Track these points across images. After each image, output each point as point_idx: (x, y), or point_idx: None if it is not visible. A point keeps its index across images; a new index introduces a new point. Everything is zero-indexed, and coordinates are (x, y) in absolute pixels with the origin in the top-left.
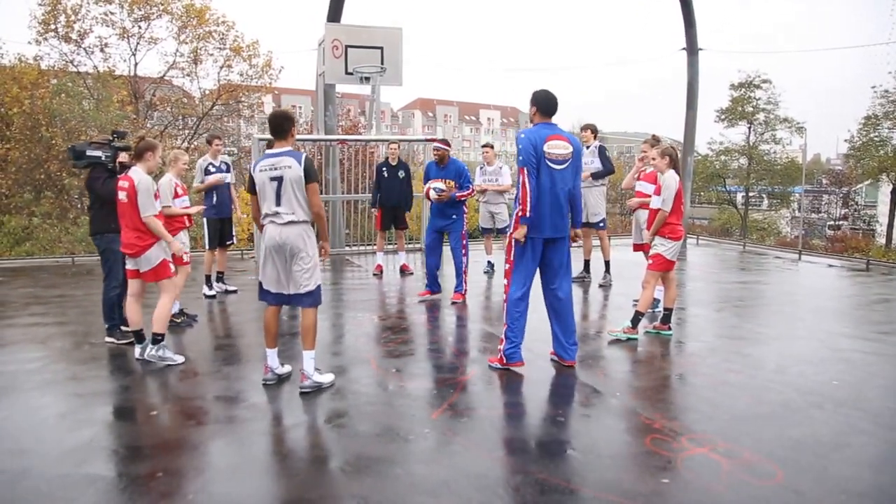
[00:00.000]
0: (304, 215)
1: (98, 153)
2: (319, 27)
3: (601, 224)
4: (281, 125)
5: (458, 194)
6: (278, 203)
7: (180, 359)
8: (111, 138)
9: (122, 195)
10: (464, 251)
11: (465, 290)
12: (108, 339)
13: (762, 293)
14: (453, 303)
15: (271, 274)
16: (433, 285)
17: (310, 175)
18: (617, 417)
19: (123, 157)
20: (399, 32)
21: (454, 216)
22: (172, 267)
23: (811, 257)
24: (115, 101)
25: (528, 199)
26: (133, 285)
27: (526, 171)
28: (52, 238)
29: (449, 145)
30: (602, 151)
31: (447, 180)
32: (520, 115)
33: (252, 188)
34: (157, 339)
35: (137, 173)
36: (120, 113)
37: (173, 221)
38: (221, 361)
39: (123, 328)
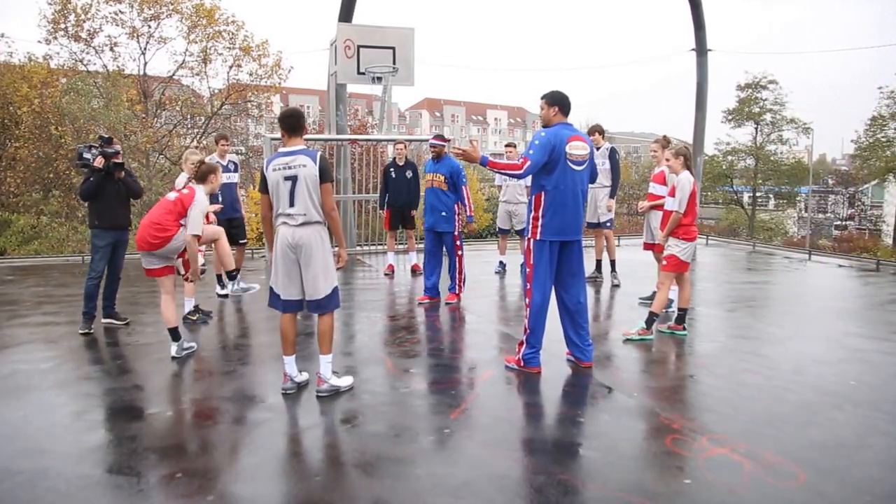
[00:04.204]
0: (318, 216)
1: (89, 156)
2: (328, 27)
3: (608, 224)
4: (297, 122)
5: (468, 211)
6: (292, 203)
7: (193, 345)
8: (99, 143)
9: (171, 195)
10: (458, 252)
11: (460, 290)
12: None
13: (774, 293)
14: (447, 303)
15: (284, 279)
16: (432, 292)
17: (325, 174)
18: (636, 418)
19: (99, 161)
20: (411, 33)
21: (443, 212)
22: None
23: (821, 257)
24: (124, 100)
25: (510, 168)
26: (165, 283)
27: (529, 164)
28: (61, 237)
29: (446, 141)
30: (613, 154)
31: (438, 174)
32: (527, 115)
33: (264, 187)
34: (175, 335)
35: (201, 192)
36: (129, 112)
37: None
38: (236, 361)
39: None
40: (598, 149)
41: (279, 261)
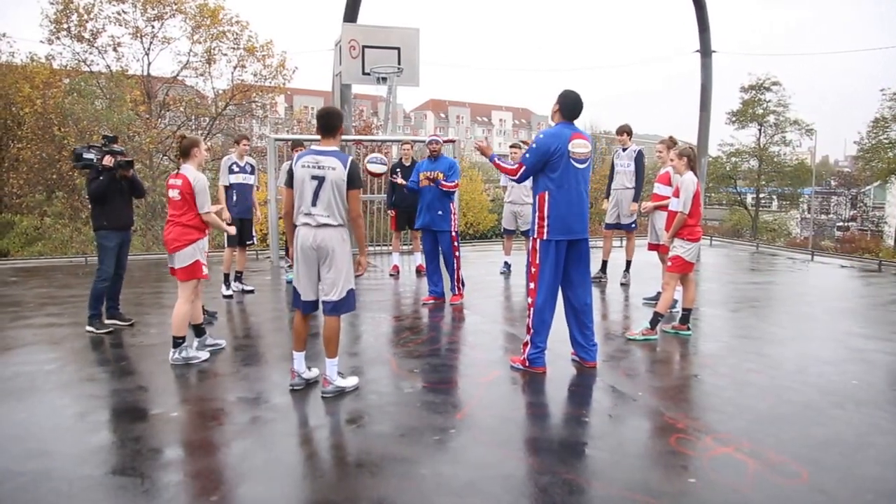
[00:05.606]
0: (341, 219)
1: (91, 156)
2: (333, 28)
3: (633, 225)
4: (332, 123)
5: (442, 182)
6: (314, 203)
7: (205, 355)
8: (104, 143)
9: (173, 193)
10: (455, 253)
11: (462, 290)
12: (87, 328)
13: (777, 293)
14: (451, 304)
15: (304, 280)
16: (437, 293)
17: (354, 180)
18: (641, 417)
19: (108, 160)
20: (416, 33)
21: (440, 211)
22: (205, 269)
23: (823, 258)
24: (127, 100)
25: (508, 172)
26: (184, 288)
27: (523, 169)
28: (64, 238)
29: (444, 141)
30: (639, 157)
31: (436, 171)
32: (532, 116)
33: (290, 182)
34: (178, 342)
35: (190, 171)
36: (132, 113)
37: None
38: (241, 362)
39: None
40: (624, 150)
41: (300, 262)
